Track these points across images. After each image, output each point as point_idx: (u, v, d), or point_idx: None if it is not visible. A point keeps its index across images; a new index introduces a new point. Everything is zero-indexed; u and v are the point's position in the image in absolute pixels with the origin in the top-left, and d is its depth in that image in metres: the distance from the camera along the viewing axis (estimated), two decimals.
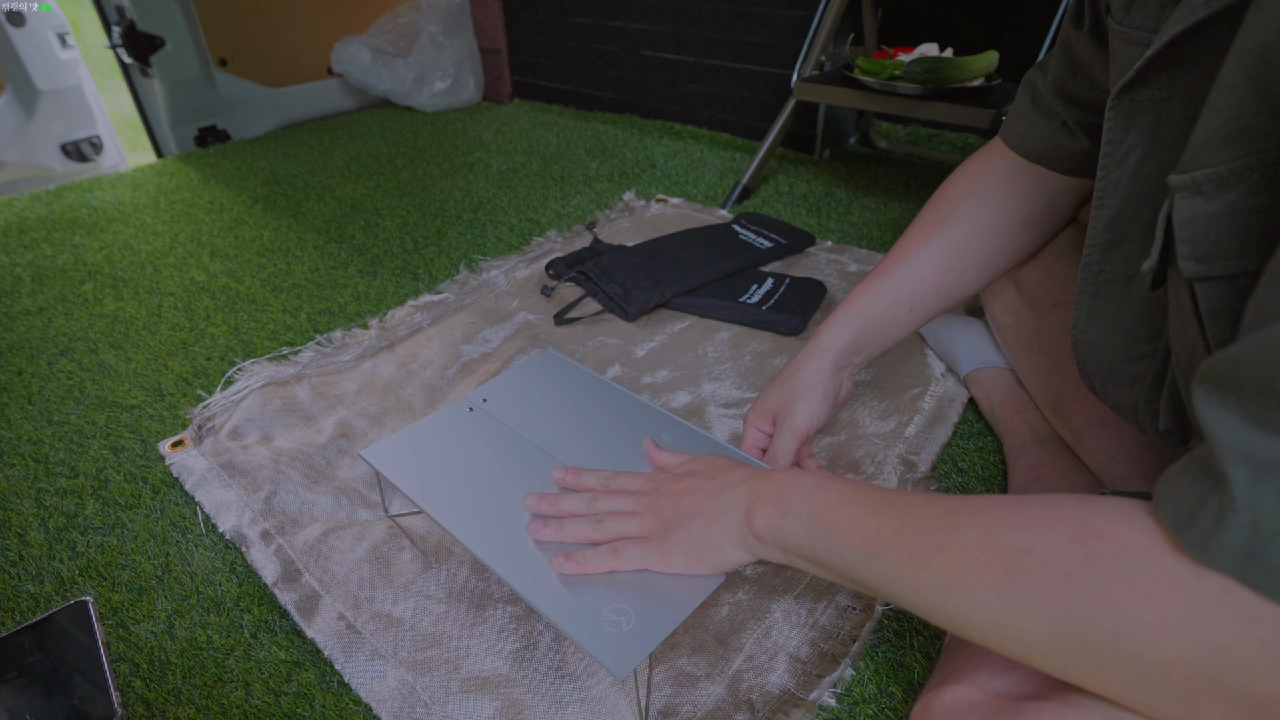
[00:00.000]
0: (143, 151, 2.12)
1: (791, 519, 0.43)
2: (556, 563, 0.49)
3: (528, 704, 0.51)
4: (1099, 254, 0.49)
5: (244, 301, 1.06)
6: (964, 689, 0.38)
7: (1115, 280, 0.48)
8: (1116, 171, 0.45)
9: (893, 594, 0.38)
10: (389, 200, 1.42)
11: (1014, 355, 0.74)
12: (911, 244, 0.64)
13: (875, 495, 0.41)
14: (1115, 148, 0.45)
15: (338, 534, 0.65)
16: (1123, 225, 0.46)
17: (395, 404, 0.83)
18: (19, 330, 1.01)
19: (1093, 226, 0.48)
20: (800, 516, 0.43)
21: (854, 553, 0.40)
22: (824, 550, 0.41)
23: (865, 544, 0.39)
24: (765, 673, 0.54)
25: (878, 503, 0.40)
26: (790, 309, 0.94)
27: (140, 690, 0.54)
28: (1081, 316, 0.51)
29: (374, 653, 0.55)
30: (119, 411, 0.84)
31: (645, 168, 1.55)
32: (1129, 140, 0.44)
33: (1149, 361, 0.47)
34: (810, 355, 0.63)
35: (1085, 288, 0.50)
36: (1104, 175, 0.46)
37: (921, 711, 0.40)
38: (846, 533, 0.40)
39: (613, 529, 0.50)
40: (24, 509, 0.71)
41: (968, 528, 0.35)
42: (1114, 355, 0.50)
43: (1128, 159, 0.44)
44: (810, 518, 0.42)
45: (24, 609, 0.61)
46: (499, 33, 2.02)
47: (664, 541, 0.48)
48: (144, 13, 1.59)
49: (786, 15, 1.53)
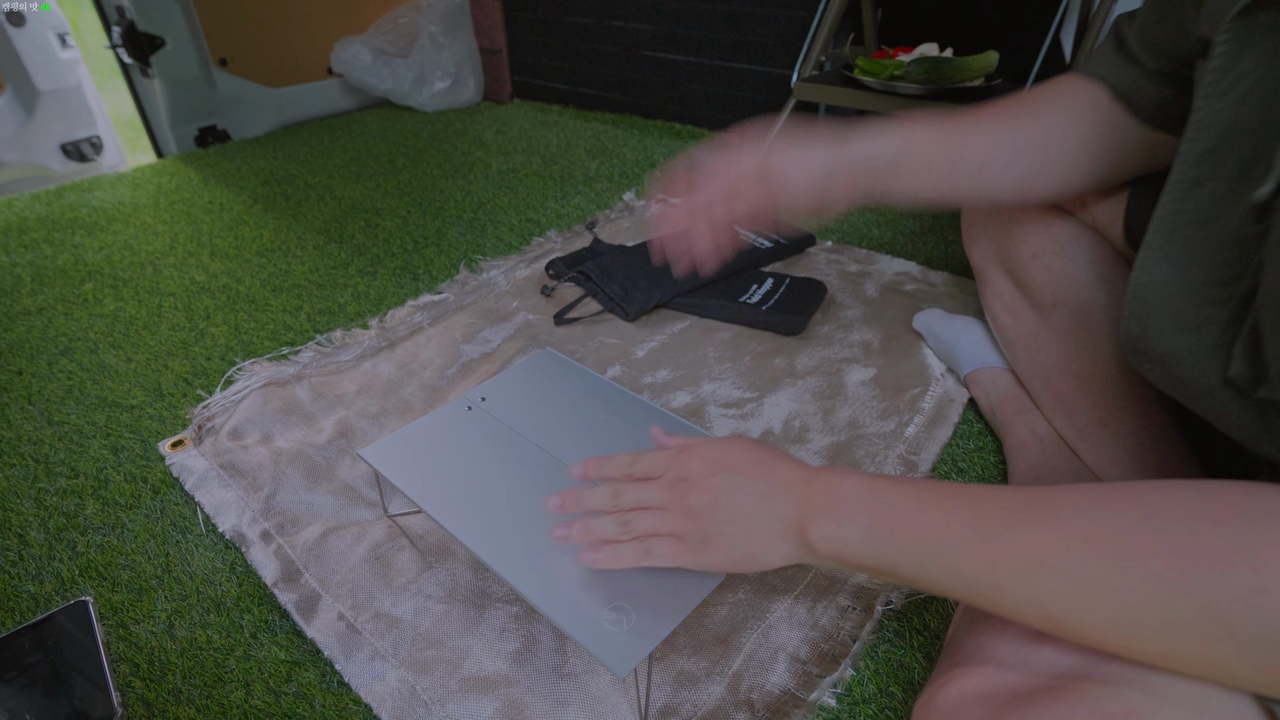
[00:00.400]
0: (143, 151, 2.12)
1: (849, 528, 0.42)
2: (586, 556, 0.48)
3: (528, 704, 0.51)
4: (1182, 192, 0.46)
5: (244, 301, 1.06)
6: (971, 680, 0.38)
7: (1196, 220, 0.46)
8: (1219, 102, 0.43)
9: (966, 585, 0.37)
10: (389, 200, 1.42)
11: (1014, 355, 0.74)
12: (970, 118, 0.62)
13: (936, 490, 0.40)
14: (1222, 75, 0.42)
15: (338, 534, 0.65)
16: (1215, 161, 0.44)
17: (395, 404, 0.83)
18: (19, 330, 1.01)
19: (1180, 163, 0.46)
20: (858, 524, 0.41)
21: (921, 551, 0.39)
22: (887, 555, 0.40)
23: (934, 539, 0.38)
24: (765, 672, 0.53)
25: (941, 496, 0.39)
26: (790, 309, 0.94)
27: (140, 690, 0.54)
28: (1151, 258, 0.49)
29: (374, 653, 0.55)
30: (119, 411, 0.84)
31: (645, 168, 1.55)
32: (1240, 67, 0.41)
33: (1223, 306, 0.45)
34: (834, 143, 0.60)
35: (1160, 227, 0.48)
36: (1203, 106, 0.43)
37: (926, 705, 0.40)
38: (911, 532, 0.39)
39: (642, 526, 0.48)
40: (24, 509, 0.71)
41: (1060, 505, 0.34)
42: (1183, 298, 0.47)
43: (1234, 88, 0.42)
44: (870, 524, 0.41)
45: (24, 609, 0.61)
46: (499, 33, 2.02)
47: (700, 543, 0.46)
48: (144, 13, 1.59)
49: (786, 15, 1.53)
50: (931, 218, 1.26)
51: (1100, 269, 0.66)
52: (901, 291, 1.02)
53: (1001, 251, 0.74)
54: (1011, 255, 0.73)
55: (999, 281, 0.75)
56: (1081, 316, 0.66)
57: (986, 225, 0.76)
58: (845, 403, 0.81)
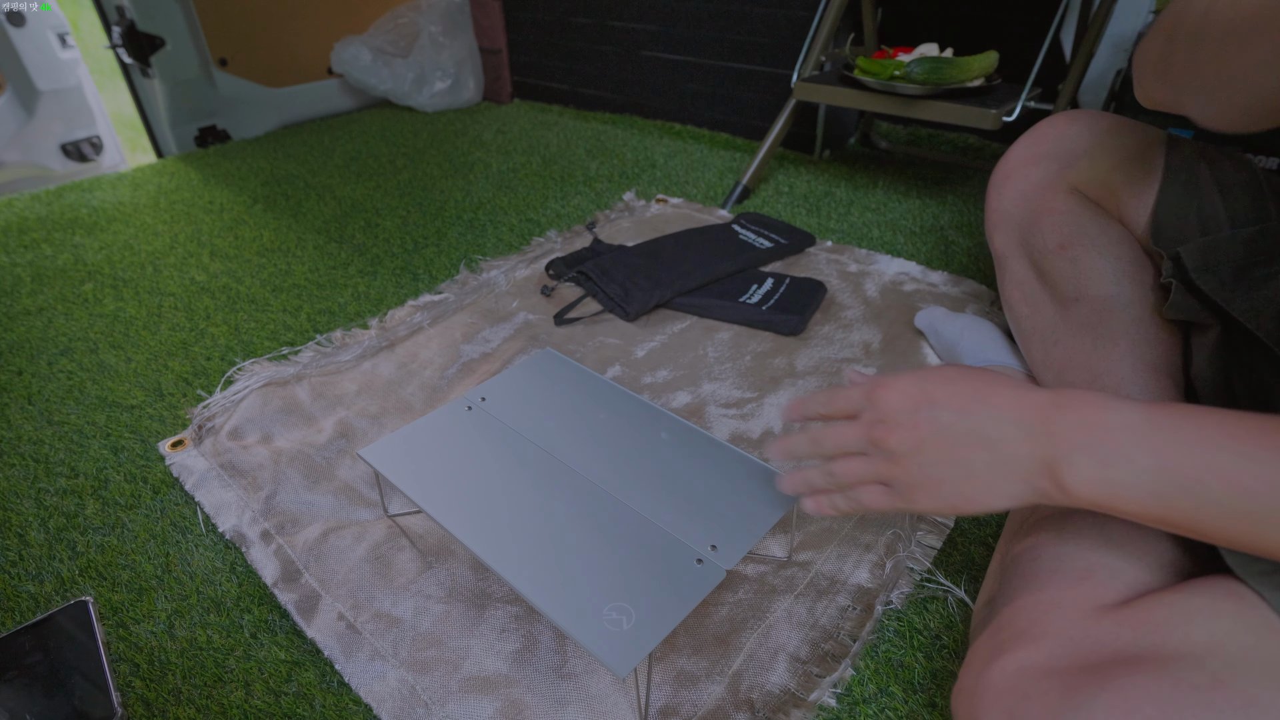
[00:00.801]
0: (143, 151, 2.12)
1: (1125, 469, 0.35)
2: (808, 505, 0.47)
3: (528, 704, 0.51)
4: None
5: (244, 301, 1.06)
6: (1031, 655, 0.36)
7: None
8: None
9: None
10: (389, 200, 1.42)
11: (1027, 346, 0.73)
12: None
13: (1243, 423, 0.34)
14: None
15: (338, 534, 0.65)
16: None
17: (395, 404, 0.83)
18: (19, 330, 1.01)
19: None
20: (1142, 468, 0.35)
21: (1241, 500, 0.33)
22: (1188, 504, 0.34)
23: (1265, 486, 0.32)
24: (765, 672, 0.53)
25: (1254, 432, 0.33)
26: (790, 309, 0.94)
27: (140, 690, 0.54)
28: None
29: (374, 653, 0.55)
30: (119, 411, 0.84)
31: (645, 168, 1.55)
32: None
33: None
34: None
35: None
36: None
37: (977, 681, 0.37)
38: (1229, 481, 0.32)
39: (845, 474, 0.44)
40: (24, 509, 0.71)
41: None
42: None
43: None
44: (1159, 468, 0.34)
45: (24, 609, 0.61)
46: (499, 33, 2.02)
47: (909, 489, 0.42)
48: (144, 13, 1.59)
49: (786, 15, 1.53)
50: (931, 217, 1.26)
51: (1126, 265, 0.65)
52: (901, 291, 1.02)
53: (1026, 240, 0.73)
54: (1037, 244, 0.71)
55: (1020, 270, 0.73)
56: (1104, 312, 0.65)
57: (1013, 211, 0.74)
58: None
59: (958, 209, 1.29)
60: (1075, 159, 0.70)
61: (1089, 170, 0.69)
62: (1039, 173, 0.72)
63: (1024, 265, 0.73)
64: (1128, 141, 0.67)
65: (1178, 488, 0.34)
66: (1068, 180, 0.70)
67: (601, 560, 0.51)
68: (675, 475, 0.58)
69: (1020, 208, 0.74)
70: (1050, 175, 0.71)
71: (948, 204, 1.31)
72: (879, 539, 0.64)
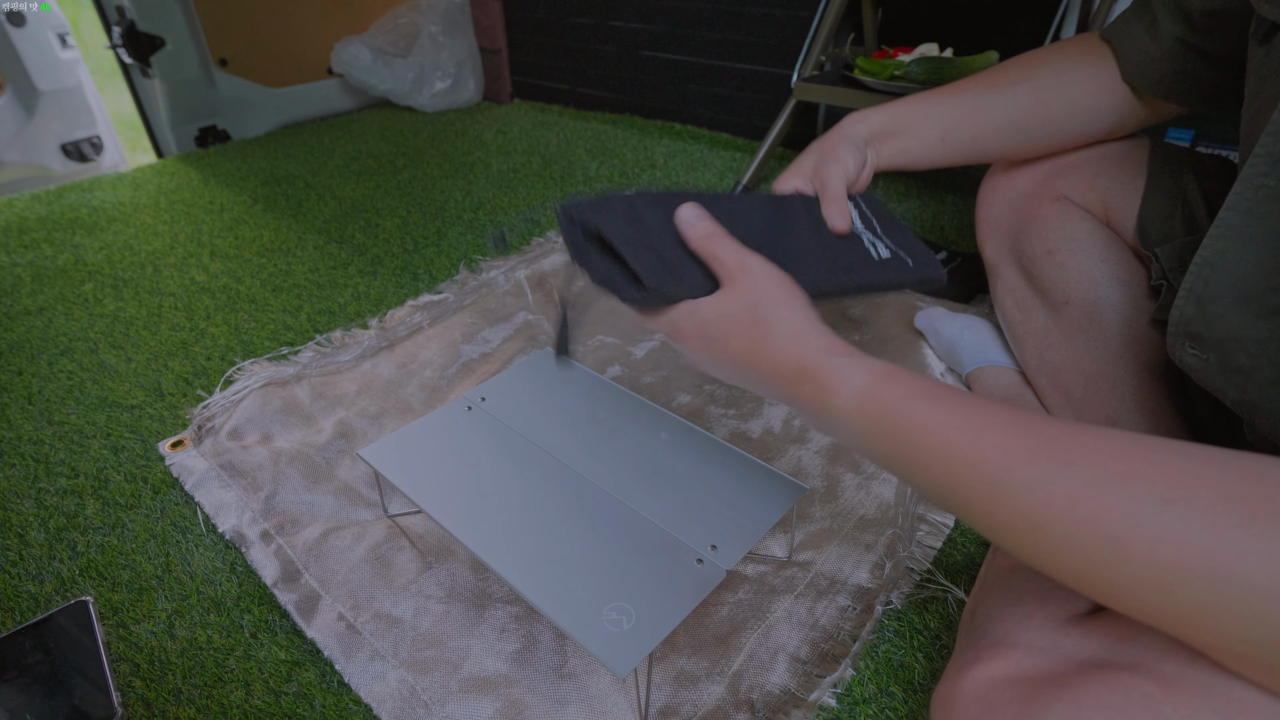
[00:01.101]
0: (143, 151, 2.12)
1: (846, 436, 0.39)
2: None
3: (528, 704, 0.51)
4: (1268, 166, 0.44)
5: (244, 301, 1.06)
6: (1000, 664, 0.37)
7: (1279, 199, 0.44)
8: None
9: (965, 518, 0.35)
10: (389, 200, 1.42)
11: (1022, 352, 0.74)
12: (969, 86, 0.65)
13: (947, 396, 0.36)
14: None
15: (337, 534, 0.65)
16: None
17: (395, 404, 0.83)
18: (19, 330, 1.01)
19: (1268, 135, 0.43)
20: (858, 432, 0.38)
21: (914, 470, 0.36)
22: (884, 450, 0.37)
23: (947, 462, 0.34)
24: (765, 672, 0.53)
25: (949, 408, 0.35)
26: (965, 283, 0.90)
27: (140, 690, 0.54)
28: (1223, 236, 0.47)
29: (374, 653, 0.55)
30: (119, 411, 0.84)
31: (645, 168, 1.55)
32: None
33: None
34: (840, 127, 0.62)
35: (1238, 204, 0.46)
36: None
37: (950, 691, 0.38)
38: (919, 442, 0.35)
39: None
40: (24, 509, 0.71)
41: (1074, 465, 0.30)
42: (1258, 280, 0.45)
43: None
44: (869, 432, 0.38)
45: (24, 609, 0.61)
46: (499, 33, 2.02)
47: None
48: (144, 13, 1.59)
49: (786, 15, 1.53)
50: (931, 217, 1.26)
51: (1114, 268, 0.66)
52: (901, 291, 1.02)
53: (1015, 246, 0.74)
54: (1025, 250, 0.72)
55: (1011, 276, 0.74)
56: (1093, 315, 0.66)
57: (1001, 219, 0.75)
58: None
59: (958, 209, 1.29)
60: (1061, 167, 0.71)
61: (1075, 177, 0.70)
62: (1025, 181, 0.73)
63: (1014, 272, 0.74)
64: (1113, 148, 0.69)
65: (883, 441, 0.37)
66: (1054, 187, 0.71)
67: (601, 560, 0.51)
68: (675, 475, 0.58)
69: (1008, 216, 0.75)
70: (1036, 183, 0.72)
71: (948, 204, 1.31)
72: (879, 539, 0.64)
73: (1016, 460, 0.32)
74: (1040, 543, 0.31)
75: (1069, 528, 0.29)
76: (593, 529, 0.53)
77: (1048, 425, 0.33)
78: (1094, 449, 0.30)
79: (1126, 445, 0.30)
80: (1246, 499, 0.26)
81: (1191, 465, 0.28)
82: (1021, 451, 0.32)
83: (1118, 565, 0.28)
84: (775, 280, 0.43)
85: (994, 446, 0.33)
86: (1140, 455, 0.29)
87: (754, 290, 0.43)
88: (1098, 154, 0.69)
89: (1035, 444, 0.32)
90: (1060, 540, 0.30)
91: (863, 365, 0.39)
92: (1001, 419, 0.34)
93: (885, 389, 0.38)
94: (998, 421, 0.33)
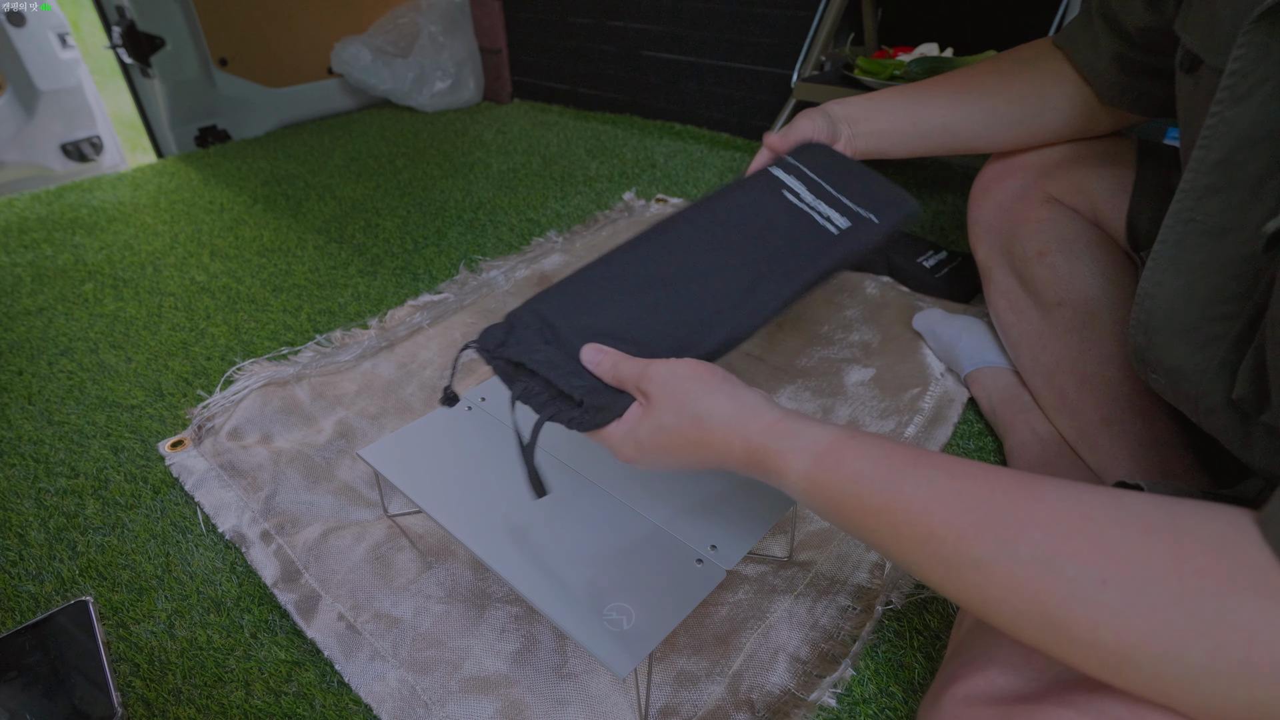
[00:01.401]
0: (143, 151, 2.12)
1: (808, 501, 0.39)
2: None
3: (528, 704, 0.51)
4: (1194, 201, 0.45)
5: (244, 301, 1.06)
6: (976, 683, 0.37)
7: (1208, 231, 0.44)
8: (1235, 109, 0.41)
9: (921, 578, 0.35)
10: (389, 200, 1.42)
11: (1017, 353, 0.74)
12: (943, 78, 0.67)
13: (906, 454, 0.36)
14: (1240, 80, 0.40)
15: (337, 534, 0.65)
16: (1229, 170, 0.42)
17: (395, 404, 0.83)
18: (19, 330, 1.01)
19: (1192, 169, 0.44)
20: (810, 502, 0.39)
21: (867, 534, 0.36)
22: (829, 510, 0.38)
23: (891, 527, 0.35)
24: (765, 673, 0.53)
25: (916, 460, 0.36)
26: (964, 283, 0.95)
27: (140, 690, 0.54)
28: (1160, 267, 0.48)
29: (374, 653, 0.55)
30: (119, 411, 0.84)
31: (645, 168, 1.55)
32: (1260, 72, 0.39)
33: (1232, 322, 0.44)
34: (814, 109, 0.65)
35: (1169, 237, 0.47)
36: (1218, 112, 0.42)
37: (931, 706, 0.40)
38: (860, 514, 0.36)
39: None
40: (24, 509, 0.71)
41: (1017, 542, 0.30)
42: (1192, 312, 0.46)
43: (1253, 94, 0.40)
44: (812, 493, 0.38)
45: (24, 609, 0.61)
46: (499, 33, 2.02)
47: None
48: (144, 13, 1.59)
49: (786, 15, 1.53)
50: (931, 218, 1.26)
51: (1105, 268, 0.66)
52: (900, 291, 1.02)
53: (1007, 249, 0.74)
54: (1017, 253, 0.73)
55: (1004, 279, 0.75)
56: (1086, 315, 0.66)
57: (992, 222, 0.76)
58: (845, 402, 0.81)
59: (958, 209, 1.29)
60: (1050, 169, 0.71)
61: (1064, 179, 0.70)
62: (1015, 184, 0.73)
63: (1007, 274, 0.74)
64: (1099, 148, 0.69)
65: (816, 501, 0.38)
66: (1044, 190, 0.72)
67: (601, 560, 0.51)
68: (675, 475, 0.58)
69: (999, 219, 0.75)
70: (1026, 185, 0.73)
71: (948, 204, 1.31)
72: None
73: (964, 538, 0.32)
74: (995, 616, 0.31)
75: (1018, 607, 0.30)
76: (593, 529, 0.53)
77: (993, 492, 0.32)
78: (1038, 522, 0.30)
79: (1070, 514, 0.30)
80: (1179, 574, 0.27)
81: (1129, 539, 0.28)
82: (968, 528, 0.32)
83: (1065, 643, 0.29)
84: (687, 375, 0.43)
85: (941, 524, 0.33)
86: (1081, 529, 0.29)
87: (672, 395, 0.43)
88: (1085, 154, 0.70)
89: (981, 518, 0.32)
90: (1012, 617, 0.31)
91: (802, 446, 0.39)
92: (947, 490, 0.33)
93: (827, 472, 0.38)
94: (943, 494, 0.33)
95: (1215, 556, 0.26)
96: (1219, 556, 0.26)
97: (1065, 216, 0.70)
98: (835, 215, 0.53)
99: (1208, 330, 0.46)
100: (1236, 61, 0.40)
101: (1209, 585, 0.26)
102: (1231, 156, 0.42)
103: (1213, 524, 0.28)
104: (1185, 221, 0.46)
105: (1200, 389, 0.47)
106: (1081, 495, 0.31)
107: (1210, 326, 0.45)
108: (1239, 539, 0.27)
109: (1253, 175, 0.41)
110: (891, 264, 1.03)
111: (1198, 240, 0.45)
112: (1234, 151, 0.42)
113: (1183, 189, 0.45)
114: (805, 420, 0.40)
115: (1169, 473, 0.60)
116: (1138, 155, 0.67)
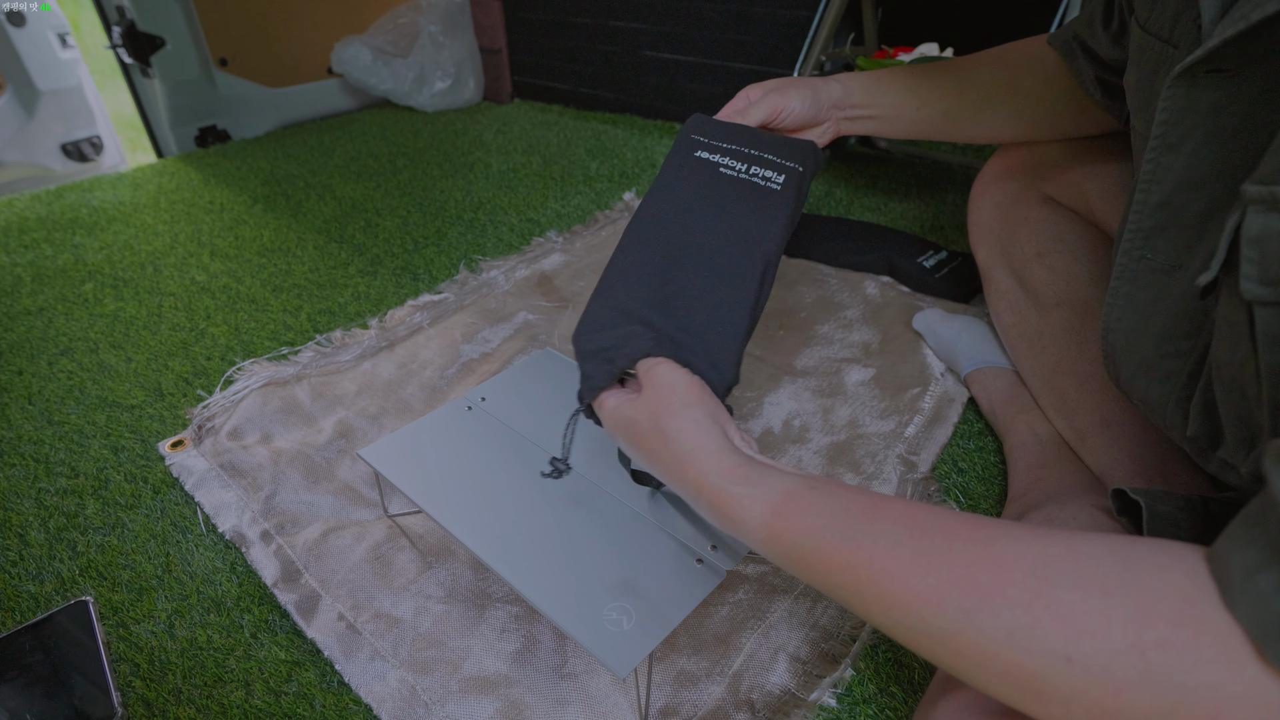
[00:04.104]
0: (143, 151, 2.12)
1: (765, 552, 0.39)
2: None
3: (528, 704, 0.51)
4: (1142, 240, 0.45)
5: (244, 301, 1.06)
6: (972, 693, 0.38)
7: (1157, 269, 0.45)
8: (1169, 156, 0.42)
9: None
10: (389, 200, 1.42)
11: (1016, 354, 0.74)
12: (948, 63, 0.68)
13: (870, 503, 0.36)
14: (1170, 130, 0.41)
15: (338, 534, 0.65)
16: (1172, 211, 0.43)
17: (395, 404, 0.83)
18: (19, 330, 1.01)
19: (1138, 210, 0.45)
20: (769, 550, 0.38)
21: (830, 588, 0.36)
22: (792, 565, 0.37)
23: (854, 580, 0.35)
24: (766, 672, 0.53)
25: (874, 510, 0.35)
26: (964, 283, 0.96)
27: (140, 690, 0.54)
28: (1117, 304, 0.49)
29: (374, 653, 0.55)
30: (119, 411, 0.84)
31: (645, 168, 1.55)
32: (1187, 123, 0.40)
33: (1184, 360, 0.44)
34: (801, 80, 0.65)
35: (1123, 274, 0.48)
36: (1154, 159, 0.43)
37: (926, 712, 0.40)
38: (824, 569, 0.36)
39: None
40: (24, 509, 0.71)
41: (979, 612, 0.30)
42: (1147, 348, 0.47)
43: (1183, 143, 0.41)
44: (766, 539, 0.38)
45: (24, 609, 0.61)
46: (499, 33, 2.02)
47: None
48: (144, 13, 1.59)
49: (786, 15, 1.53)
50: (931, 218, 1.26)
51: (1104, 269, 0.66)
52: (900, 291, 1.02)
53: (1006, 250, 0.74)
54: (1016, 254, 0.73)
55: (1003, 280, 0.75)
56: (1084, 316, 0.66)
57: (991, 224, 0.76)
58: (845, 402, 0.81)
59: (957, 209, 1.29)
60: (1047, 169, 0.71)
61: (1062, 180, 0.71)
62: (1013, 185, 0.74)
63: (1006, 275, 0.75)
64: (1096, 146, 0.69)
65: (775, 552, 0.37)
66: (1041, 190, 0.72)
67: (601, 560, 0.51)
68: None
69: (998, 220, 0.75)
70: (1024, 186, 0.73)
71: (947, 204, 1.31)
72: None
73: (926, 605, 0.31)
74: (970, 682, 0.31)
75: (988, 676, 0.30)
76: (593, 529, 0.53)
77: (950, 551, 0.32)
78: (998, 588, 0.30)
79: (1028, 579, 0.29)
80: (1141, 650, 0.26)
81: (1089, 605, 0.28)
82: (929, 594, 0.31)
83: (1041, 711, 0.29)
84: (677, 387, 0.43)
85: (902, 589, 0.32)
86: (1040, 595, 0.29)
87: (651, 401, 0.43)
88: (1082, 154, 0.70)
89: (940, 584, 0.31)
90: (984, 684, 0.30)
91: (760, 496, 0.38)
92: (905, 549, 0.33)
93: (785, 525, 0.37)
94: (901, 553, 0.32)
95: (1175, 626, 0.26)
96: (1179, 626, 0.26)
97: (1063, 216, 0.70)
98: (771, 174, 0.55)
99: (1164, 366, 0.46)
100: (1163, 113, 0.41)
101: (1171, 660, 0.25)
102: (1172, 199, 0.43)
103: (1167, 577, 0.27)
104: (1137, 260, 0.47)
105: (1165, 421, 0.48)
106: (1039, 551, 0.30)
107: (1165, 363, 0.46)
108: (1196, 597, 0.26)
109: (1195, 215, 0.42)
110: (891, 264, 1.03)
111: (1148, 277, 0.46)
112: (1173, 194, 0.43)
113: (1130, 229, 0.46)
114: (765, 468, 0.39)
115: (1168, 473, 0.60)
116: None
